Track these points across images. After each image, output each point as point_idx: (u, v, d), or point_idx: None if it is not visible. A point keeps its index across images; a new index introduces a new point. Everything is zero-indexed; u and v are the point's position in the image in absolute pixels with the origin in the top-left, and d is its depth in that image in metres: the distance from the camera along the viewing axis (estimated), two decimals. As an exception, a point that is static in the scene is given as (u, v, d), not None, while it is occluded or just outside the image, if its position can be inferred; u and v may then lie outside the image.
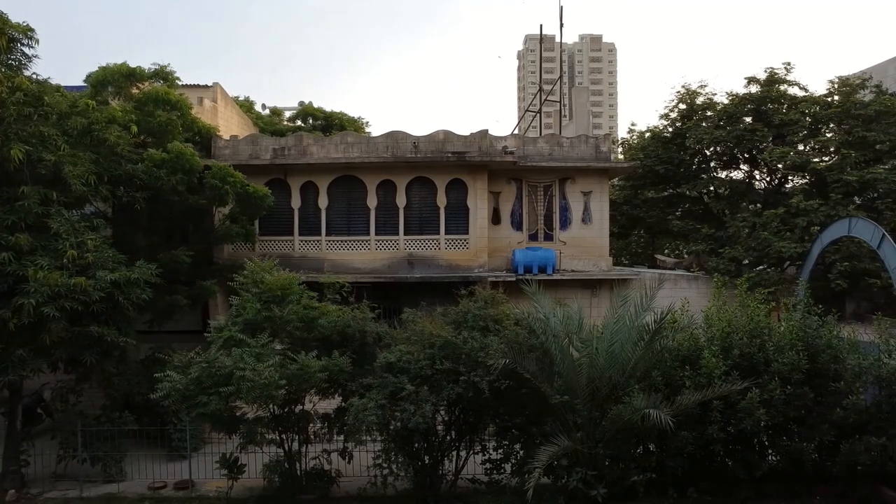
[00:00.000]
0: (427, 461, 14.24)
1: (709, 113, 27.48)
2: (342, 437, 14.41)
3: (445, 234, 22.27)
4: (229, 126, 25.29)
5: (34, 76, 15.67)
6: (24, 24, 15.09)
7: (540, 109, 35.60)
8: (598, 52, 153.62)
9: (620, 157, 33.00)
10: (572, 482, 12.29)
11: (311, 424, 14.88)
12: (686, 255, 30.81)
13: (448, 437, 14.36)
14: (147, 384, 15.40)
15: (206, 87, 24.53)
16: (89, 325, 14.39)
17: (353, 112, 55.06)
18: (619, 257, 32.37)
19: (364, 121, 40.87)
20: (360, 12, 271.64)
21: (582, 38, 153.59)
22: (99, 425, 16.38)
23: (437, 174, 22.22)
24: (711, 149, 27.39)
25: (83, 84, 20.30)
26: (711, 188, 28.69)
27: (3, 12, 14.74)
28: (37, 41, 15.34)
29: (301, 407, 14.61)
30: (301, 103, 41.44)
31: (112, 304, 14.66)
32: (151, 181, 17.58)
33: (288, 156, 22.07)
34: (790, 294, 19.06)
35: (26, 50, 15.30)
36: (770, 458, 14.18)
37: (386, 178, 22.23)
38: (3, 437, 16.12)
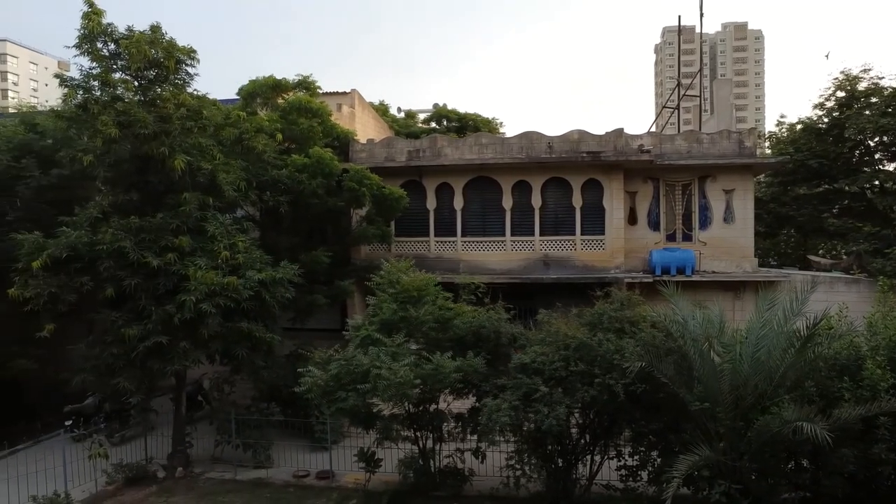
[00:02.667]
0: (560, 464, 14.06)
1: (873, 100, 25.25)
2: (475, 437, 14.52)
3: (581, 234, 21.91)
4: (366, 130, 26.20)
5: (195, 92, 17.05)
6: (188, 46, 16.48)
7: (678, 105, 34.20)
8: (742, 41, 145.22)
9: (767, 151, 31.05)
10: (714, 495, 11.64)
11: (445, 423, 15.11)
12: (844, 256, 28.44)
13: (582, 441, 14.10)
14: (292, 378, 16.26)
15: (344, 93, 25.59)
16: (240, 322, 15.51)
17: (486, 113, 55.41)
18: (766, 258, 30.45)
19: (498, 121, 40.99)
20: (492, 11, 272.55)
21: (725, 26, 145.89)
22: (249, 415, 17.56)
23: (572, 174, 21.91)
24: (876, 139, 25.18)
25: (236, 97, 21.80)
26: (876, 182, 26.34)
27: (172, 38, 16.20)
28: (198, 61, 16.74)
29: (435, 406, 14.87)
30: (435, 105, 42.22)
31: (259, 302, 15.69)
32: (294, 185, 18.62)
33: (423, 158, 22.54)
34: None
35: (189, 69, 16.71)
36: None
37: (521, 179, 22.20)
38: (170, 421, 17.62)
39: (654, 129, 35.50)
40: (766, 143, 32.88)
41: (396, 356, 13.43)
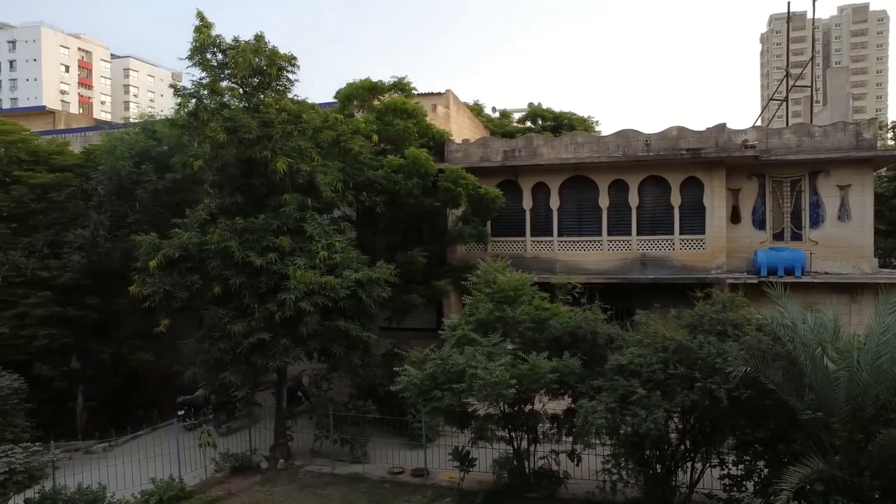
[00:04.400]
0: (659, 470, 13.62)
1: None
2: (570, 439, 14.29)
3: (680, 234, 21.20)
4: (461, 130, 26.30)
5: (295, 97, 17.67)
6: (289, 53, 17.11)
7: (786, 97, 32.45)
8: (862, 24, 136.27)
9: (890, 143, 28.98)
10: (829, 510, 10.95)
11: (540, 424, 14.94)
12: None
13: (682, 447, 13.60)
14: (387, 376, 16.52)
15: (438, 94, 25.78)
16: (337, 320, 15.93)
17: (582, 111, 54.45)
18: (887, 258, 28.44)
19: (594, 120, 40.38)
20: (589, 7, 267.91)
21: (841, 9, 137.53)
22: (346, 411, 18.00)
23: (670, 172, 21.22)
24: None
25: (333, 100, 22.41)
26: None
27: (275, 47, 16.85)
28: (298, 67, 17.34)
29: (530, 406, 14.74)
30: (530, 104, 41.97)
31: (356, 301, 16.05)
32: (390, 186, 18.92)
33: (518, 157, 22.42)
34: None
35: (290, 76, 17.35)
36: None
37: (617, 178, 21.70)
38: (272, 415, 18.33)
39: (759, 123, 33.81)
40: (889, 135, 30.70)
41: (492, 356, 13.37)
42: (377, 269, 16.52)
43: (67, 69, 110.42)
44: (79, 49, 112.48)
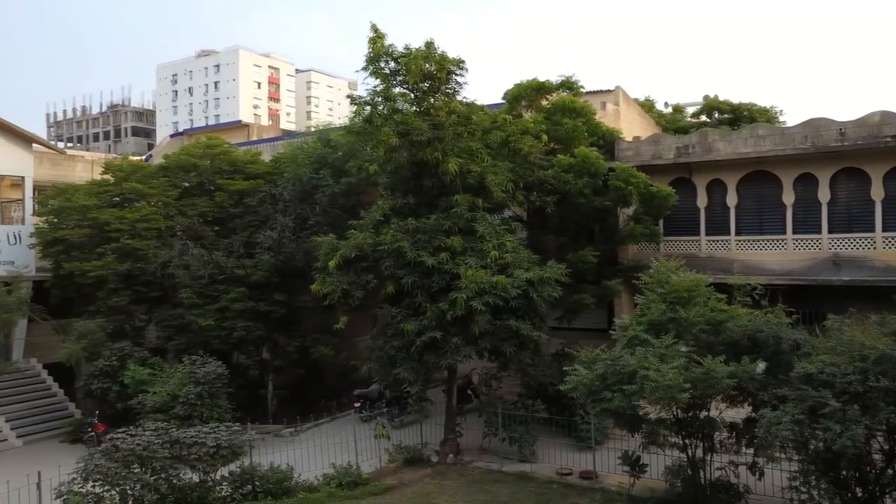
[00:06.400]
0: (859, 494, 12.34)
1: None
2: (751, 451, 13.40)
3: (883, 231, 19.14)
4: (631, 127, 25.58)
5: (464, 99, 18.08)
6: (457, 57, 17.56)
7: None
8: None
9: None
10: None
11: (717, 432, 14.13)
12: None
13: (890, 471, 12.23)
14: (557, 376, 16.44)
15: (607, 91, 25.23)
16: (508, 319, 16.06)
17: (763, 101, 50.77)
18: None
19: (776, 110, 37.61)
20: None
21: None
22: (515, 410, 18.09)
23: (870, 163, 19.23)
24: None
25: (501, 101, 22.67)
26: None
27: (444, 52, 17.41)
28: (466, 70, 17.75)
29: (706, 413, 13.99)
30: (705, 97, 39.86)
31: (527, 300, 16.10)
32: (560, 185, 18.82)
33: (692, 154, 21.41)
34: None
35: (458, 79, 17.81)
36: None
37: (804, 172, 20.04)
38: (442, 411, 18.89)
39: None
40: None
41: (664, 358, 12.87)
42: (548, 268, 16.49)
43: (259, 85, 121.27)
44: (269, 67, 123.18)
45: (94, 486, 12.92)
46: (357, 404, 21.80)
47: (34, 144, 28.70)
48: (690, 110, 40.42)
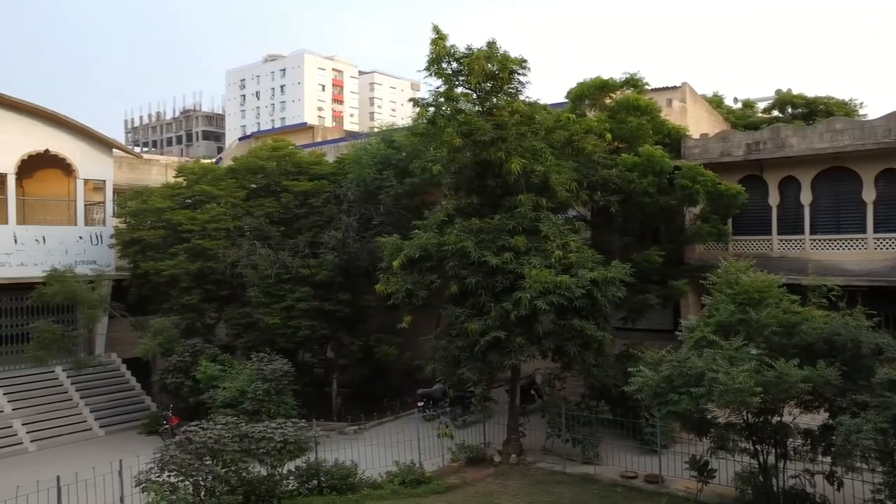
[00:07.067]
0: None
1: None
2: (829, 459, 12.91)
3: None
4: (698, 124, 24.98)
5: (526, 99, 18.01)
6: (520, 57, 17.48)
7: None
8: None
9: None
10: None
11: (790, 439, 13.68)
12: None
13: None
14: (621, 377, 16.22)
15: (673, 88, 24.71)
16: (571, 319, 15.93)
17: (841, 94, 48.33)
18: None
19: (856, 103, 35.93)
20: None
21: None
22: (579, 411, 17.94)
23: (963, 156, 18.23)
24: None
25: (564, 100, 22.47)
26: None
27: (506, 51, 17.35)
28: (529, 69, 17.65)
29: (778, 418, 13.55)
30: (777, 91, 38.45)
31: (591, 300, 15.94)
32: (624, 184, 18.55)
33: (763, 150, 20.74)
34: None
35: (521, 78, 17.74)
36: None
37: (887, 167, 19.15)
38: (505, 410, 18.83)
39: None
40: None
41: (734, 360, 12.52)
42: (612, 268, 16.29)
43: (323, 88, 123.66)
44: (333, 69, 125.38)
45: (170, 476, 13.47)
46: (420, 403, 21.98)
47: (114, 149, 30.02)
48: (762, 105, 39.09)
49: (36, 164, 27.56)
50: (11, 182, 25.99)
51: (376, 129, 34.52)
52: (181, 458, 13.48)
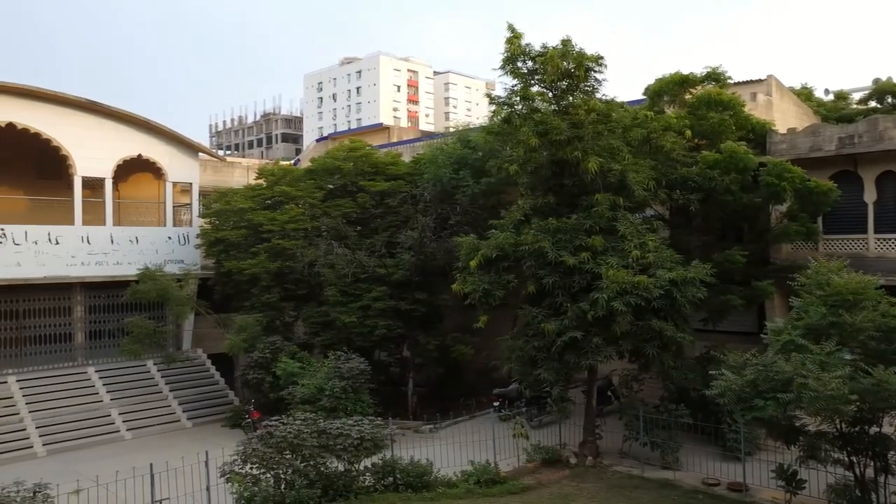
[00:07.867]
0: None
1: None
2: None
3: None
4: (785, 119, 23.96)
5: (603, 97, 17.72)
6: (595, 54, 17.21)
7: None
8: None
9: None
10: None
11: (892, 451, 12.93)
12: None
13: None
14: (701, 381, 15.76)
15: (758, 81, 23.83)
16: (650, 320, 15.59)
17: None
18: None
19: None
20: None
21: None
22: (657, 414, 17.52)
23: None
24: None
25: (642, 97, 21.97)
26: None
27: (582, 49, 17.10)
28: (605, 67, 17.36)
29: (877, 429, 12.83)
30: (875, 81, 36.33)
31: (669, 301, 15.55)
32: (704, 182, 18.01)
33: (858, 144, 19.70)
34: None
35: (597, 76, 17.47)
36: None
37: None
38: (581, 412, 18.59)
39: None
40: None
41: (825, 366, 11.92)
42: (692, 268, 15.84)
43: (398, 88, 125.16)
44: (407, 70, 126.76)
45: (252, 469, 13.98)
46: (496, 403, 21.93)
47: (199, 153, 31.24)
48: (857, 96, 37.02)
49: (129, 169, 28.96)
50: (108, 186, 27.38)
51: (451, 129, 34.58)
52: (263, 451, 13.94)
